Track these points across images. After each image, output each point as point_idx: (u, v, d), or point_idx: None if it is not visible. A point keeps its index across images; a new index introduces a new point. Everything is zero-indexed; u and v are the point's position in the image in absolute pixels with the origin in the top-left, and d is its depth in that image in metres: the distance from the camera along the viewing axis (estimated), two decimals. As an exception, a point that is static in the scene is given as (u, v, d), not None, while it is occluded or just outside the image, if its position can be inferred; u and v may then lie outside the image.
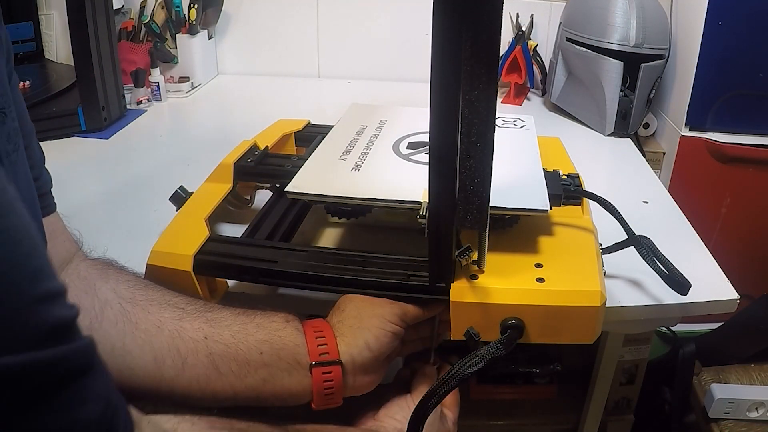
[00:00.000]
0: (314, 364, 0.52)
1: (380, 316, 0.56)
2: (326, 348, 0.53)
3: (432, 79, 0.45)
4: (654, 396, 1.13)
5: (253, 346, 0.51)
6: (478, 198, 0.50)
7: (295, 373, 0.52)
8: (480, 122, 0.47)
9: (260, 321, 0.53)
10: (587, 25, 1.17)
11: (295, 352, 0.52)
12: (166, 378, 0.50)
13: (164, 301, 0.53)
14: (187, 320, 0.52)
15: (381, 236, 0.76)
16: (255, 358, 0.51)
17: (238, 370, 0.51)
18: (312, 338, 0.53)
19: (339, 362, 0.53)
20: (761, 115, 1.15)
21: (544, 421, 1.01)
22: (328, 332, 0.54)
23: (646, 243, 0.65)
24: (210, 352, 0.50)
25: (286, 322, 0.54)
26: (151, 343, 0.50)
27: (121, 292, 0.53)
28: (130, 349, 0.50)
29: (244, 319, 0.53)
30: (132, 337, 0.50)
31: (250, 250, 0.64)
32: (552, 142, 0.89)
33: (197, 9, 1.30)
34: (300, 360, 0.52)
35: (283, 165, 0.78)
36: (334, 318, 0.56)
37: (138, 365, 0.49)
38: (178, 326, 0.51)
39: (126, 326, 0.50)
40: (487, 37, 0.43)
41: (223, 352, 0.50)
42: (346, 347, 0.54)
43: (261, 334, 0.52)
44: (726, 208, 1.21)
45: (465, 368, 0.49)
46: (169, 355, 0.50)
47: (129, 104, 1.24)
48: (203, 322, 0.52)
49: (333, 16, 1.42)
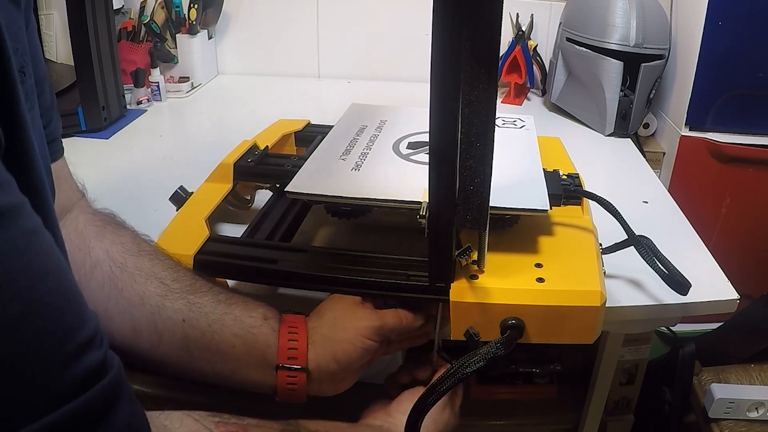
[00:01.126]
0: (280, 366, 0.53)
1: (355, 329, 0.56)
2: (296, 353, 0.53)
3: (432, 79, 0.45)
4: (654, 396, 1.13)
5: (227, 339, 0.52)
6: (478, 198, 0.50)
7: (263, 371, 0.53)
8: (480, 122, 0.47)
9: (239, 314, 0.54)
10: (587, 25, 1.17)
11: (266, 352, 0.53)
12: (142, 349, 0.51)
13: (152, 273, 0.53)
14: (169, 299, 0.52)
15: (381, 236, 0.76)
16: (227, 350, 0.52)
17: (209, 358, 0.52)
18: (284, 341, 0.53)
19: (305, 369, 0.53)
20: (761, 115, 1.15)
21: (544, 421, 1.01)
22: (302, 336, 0.54)
23: (646, 243, 0.65)
24: (186, 335, 0.51)
25: (263, 320, 0.54)
26: (131, 314, 0.51)
27: (114, 255, 0.53)
28: (112, 315, 0.51)
29: (223, 308, 0.54)
30: (115, 303, 0.51)
31: (250, 250, 0.64)
32: (552, 142, 0.89)
33: (197, 9, 1.30)
34: (269, 360, 0.53)
35: (283, 165, 0.78)
36: (312, 322, 0.57)
37: (117, 331, 0.51)
38: (160, 303, 0.52)
39: (111, 291, 0.51)
40: (487, 37, 0.43)
41: (198, 338, 0.52)
42: (314, 356, 0.54)
43: (237, 328, 0.53)
44: (726, 208, 1.21)
45: (464, 367, 0.49)
46: (147, 329, 0.51)
47: (129, 104, 1.24)
48: (184, 304, 0.52)
49: (333, 16, 1.42)
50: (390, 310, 0.58)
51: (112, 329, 0.51)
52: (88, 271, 0.52)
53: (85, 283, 0.51)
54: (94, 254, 0.53)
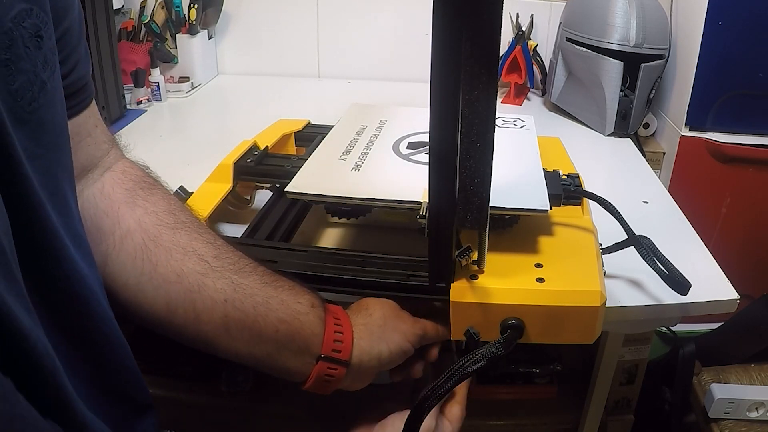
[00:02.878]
0: (323, 357, 0.51)
1: (402, 332, 0.55)
2: (341, 346, 0.52)
3: (432, 79, 0.45)
4: (654, 396, 1.13)
5: (271, 323, 0.50)
6: (478, 198, 0.50)
7: (302, 358, 0.51)
8: (480, 122, 0.47)
9: (285, 297, 0.51)
10: (587, 25, 1.17)
11: (310, 341, 0.51)
12: (176, 325, 0.49)
13: (191, 249, 0.50)
14: (210, 277, 0.49)
15: (381, 236, 0.76)
16: (269, 334, 0.50)
17: (248, 339, 0.50)
18: (330, 332, 0.52)
19: (347, 363, 0.52)
20: (761, 115, 1.15)
21: (544, 421, 1.01)
22: (347, 330, 0.53)
23: (646, 243, 0.65)
24: (226, 315, 0.49)
25: (311, 307, 0.52)
26: (167, 290, 0.48)
27: (147, 227, 0.50)
28: (144, 289, 0.48)
29: (270, 291, 0.51)
30: (148, 278, 0.48)
31: (250, 250, 0.64)
32: (552, 142, 0.89)
33: (197, 9, 1.30)
34: (311, 348, 0.51)
35: (283, 165, 0.78)
36: (359, 318, 0.55)
37: (149, 306, 0.48)
38: (200, 282, 0.49)
39: (144, 265, 0.48)
40: (487, 37, 0.43)
41: (240, 319, 0.49)
42: (359, 351, 0.53)
43: (283, 312, 0.51)
44: (726, 208, 1.21)
45: (464, 368, 0.49)
46: (183, 306, 0.48)
47: (129, 104, 1.24)
48: (227, 283, 0.50)
49: (333, 16, 1.42)
50: (428, 320, 0.58)
51: (143, 303, 0.48)
52: (118, 242, 0.49)
53: (115, 254, 0.48)
54: (124, 223, 0.49)
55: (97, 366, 0.43)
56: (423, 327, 0.57)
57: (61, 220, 0.39)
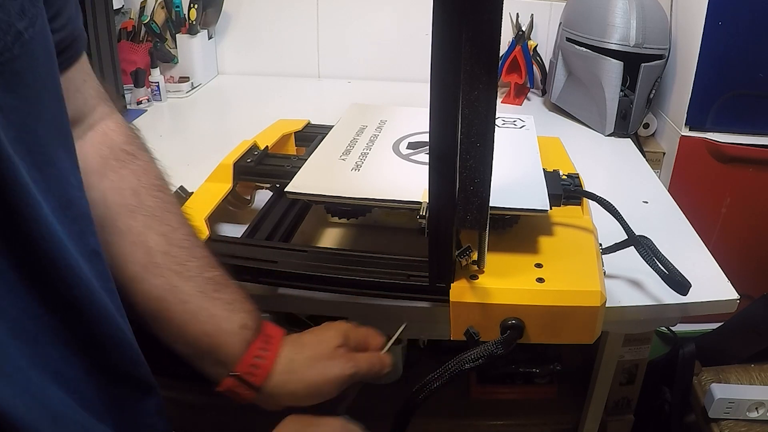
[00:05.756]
0: (235, 376, 0.51)
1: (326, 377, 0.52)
2: (256, 371, 0.51)
3: (432, 79, 0.45)
4: (654, 396, 1.13)
5: (195, 334, 0.50)
6: (478, 198, 0.50)
7: (217, 368, 0.51)
8: (480, 122, 0.47)
9: (217, 312, 0.51)
10: (587, 25, 1.17)
11: (228, 359, 0.51)
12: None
13: (142, 238, 0.50)
14: (150, 272, 0.50)
15: (381, 236, 0.76)
16: (190, 341, 0.51)
17: (172, 336, 0.51)
18: (250, 357, 0.51)
19: (257, 389, 0.51)
20: (761, 115, 1.15)
21: (544, 421, 1.01)
22: (270, 359, 0.52)
23: (646, 243, 0.65)
24: (157, 309, 0.50)
25: (239, 328, 0.52)
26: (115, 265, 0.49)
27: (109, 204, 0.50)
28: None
29: (204, 303, 0.51)
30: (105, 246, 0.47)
31: (250, 250, 0.64)
32: (552, 142, 0.90)
33: (197, 9, 1.30)
34: (227, 365, 0.51)
35: (283, 165, 0.78)
36: (289, 352, 0.53)
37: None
38: (140, 275, 0.49)
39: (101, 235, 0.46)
40: (487, 37, 0.43)
41: (168, 318, 0.50)
42: (274, 383, 0.51)
43: (209, 326, 0.51)
44: (726, 208, 1.21)
45: (461, 364, 0.49)
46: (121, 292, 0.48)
47: (129, 104, 1.24)
48: (164, 282, 0.50)
49: (333, 16, 1.42)
50: (363, 355, 0.55)
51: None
52: None
53: None
54: (90, 192, 0.47)
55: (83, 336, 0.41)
56: (355, 366, 0.53)
57: (41, 178, 0.37)
